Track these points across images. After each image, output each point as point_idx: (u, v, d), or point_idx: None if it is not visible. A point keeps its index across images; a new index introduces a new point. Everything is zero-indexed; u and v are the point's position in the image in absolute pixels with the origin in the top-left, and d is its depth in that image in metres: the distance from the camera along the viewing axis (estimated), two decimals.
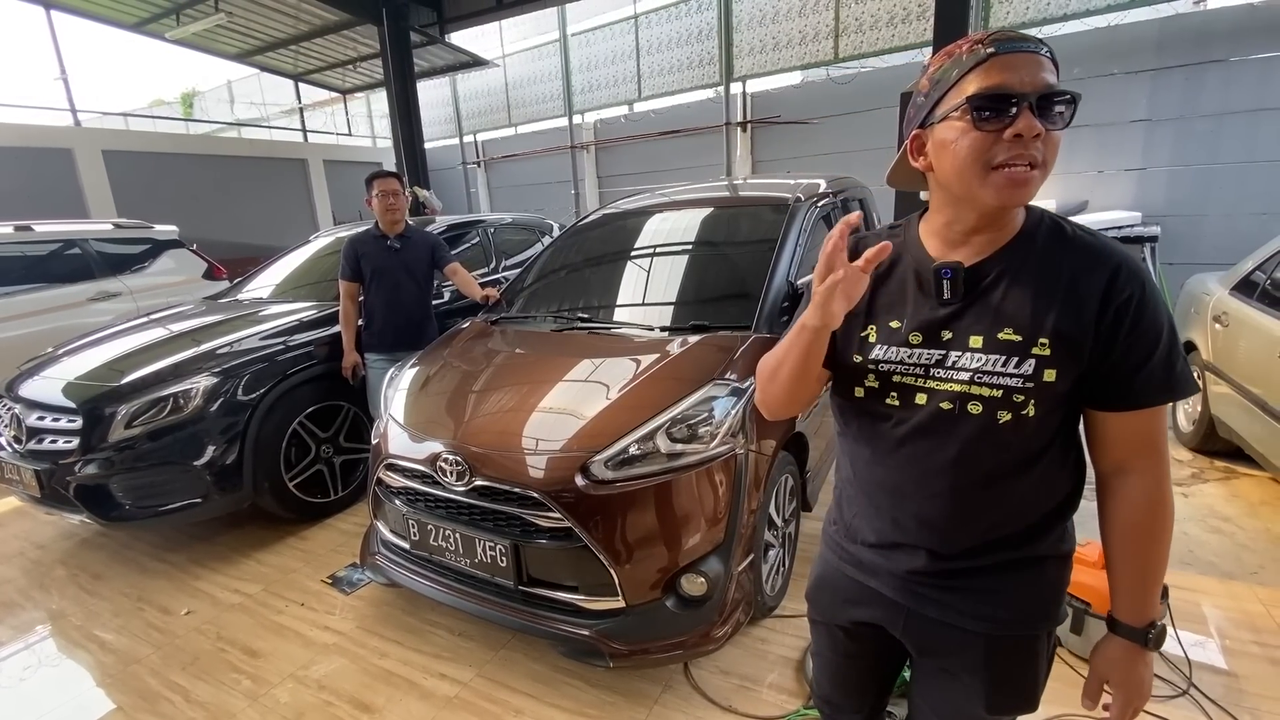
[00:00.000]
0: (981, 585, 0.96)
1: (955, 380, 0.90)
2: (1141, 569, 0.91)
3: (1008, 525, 0.93)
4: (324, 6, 8.14)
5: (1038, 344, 0.85)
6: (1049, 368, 0.85)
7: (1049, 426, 0.89)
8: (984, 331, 0.89)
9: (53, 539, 3.39)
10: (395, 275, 3.23)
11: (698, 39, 8.66)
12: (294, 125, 13.12)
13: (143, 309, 5.21)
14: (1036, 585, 0.95)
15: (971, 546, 0.94)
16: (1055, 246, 0.88)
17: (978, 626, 0.96)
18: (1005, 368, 0.87)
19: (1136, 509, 0.90)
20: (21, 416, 2.94)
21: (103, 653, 2.43)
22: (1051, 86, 0.82)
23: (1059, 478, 0.93)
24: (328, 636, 2.43)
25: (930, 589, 0.99)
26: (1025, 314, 0.86)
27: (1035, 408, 0.86)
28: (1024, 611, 0.96)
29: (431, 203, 8.39)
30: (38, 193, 8.25)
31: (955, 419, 0.91)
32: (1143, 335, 0.84)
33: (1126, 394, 0.86)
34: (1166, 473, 0.90)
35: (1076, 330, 0.84)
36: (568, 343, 2.59)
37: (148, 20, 8.99)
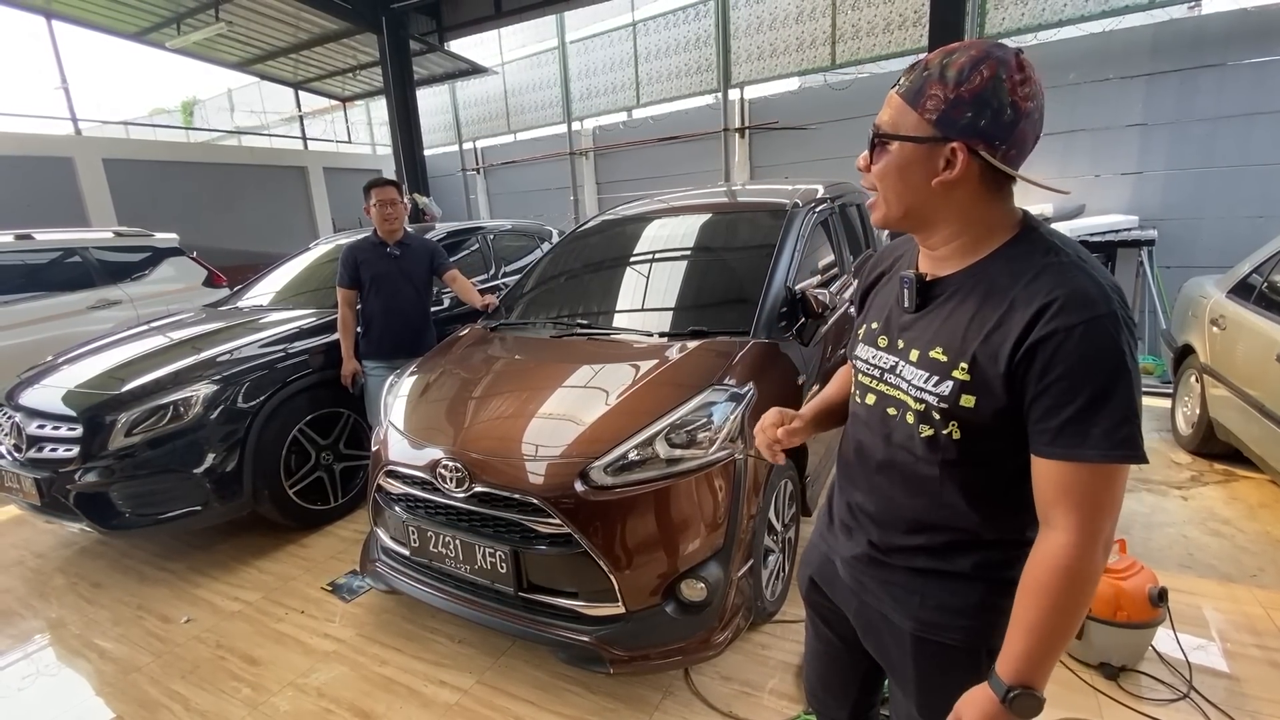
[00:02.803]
0: (905, 583, 0.98)
1: (899, 388, 0.94)
2: (1025, 626, 0.83)
3: (930, 534, 0.95)
4: (324, 15, 8.19)
5: (958, 368, 0.86)
6: (966, 394, 0.85)
7: (982, 452, 0.88)
8: (922, 346, 0.91)
9: (52, 547, 3.39)
10: (394, 282, 3.23)
11: (696, 46, 8.72)
12: (294, 133, 13.16)
13: (143, 317, 5.23)
14: (959, 598, 0.94)
15: (899, 545, 0.98)
16: (1019, 269, 0.85)
17: (902, 623, 0.99)
18: (928, 384, 0.89)
19: (1039, 564, 0.83)
20: (22, 425, 2.94)
21: (102, 661, 2.43)
22: (878, 126, 0.90)
23: (998, 506, 0.90)
24: (328, 644, 2.43)
25: (867, 577, 1.04)
26: (957, 335, 0.87)
27: (959, 431, 0.87)
28: (944, 618, 0.95)
29: (431, 209, 8.41)
30: (38, 201, 8.27)
31: (892, 424, 0.96)
32: (1060, 380, 0.78)
33: (1039, 439, 0.81)
34: (1085, 542, 0.79)
35: (991, 361, 0.83)
36: (567, 348, 2.60)
37: (149, 30, 9.04)
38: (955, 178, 0.84)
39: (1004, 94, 0.80)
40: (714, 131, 8.61)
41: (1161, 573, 2.23)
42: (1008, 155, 0.83)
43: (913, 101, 0.85)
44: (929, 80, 0.84)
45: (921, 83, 0.84)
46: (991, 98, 0.80)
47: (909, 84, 0.86)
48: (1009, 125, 0.81)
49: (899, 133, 0.87)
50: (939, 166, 0.85)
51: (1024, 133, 0.83)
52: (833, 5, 7.49)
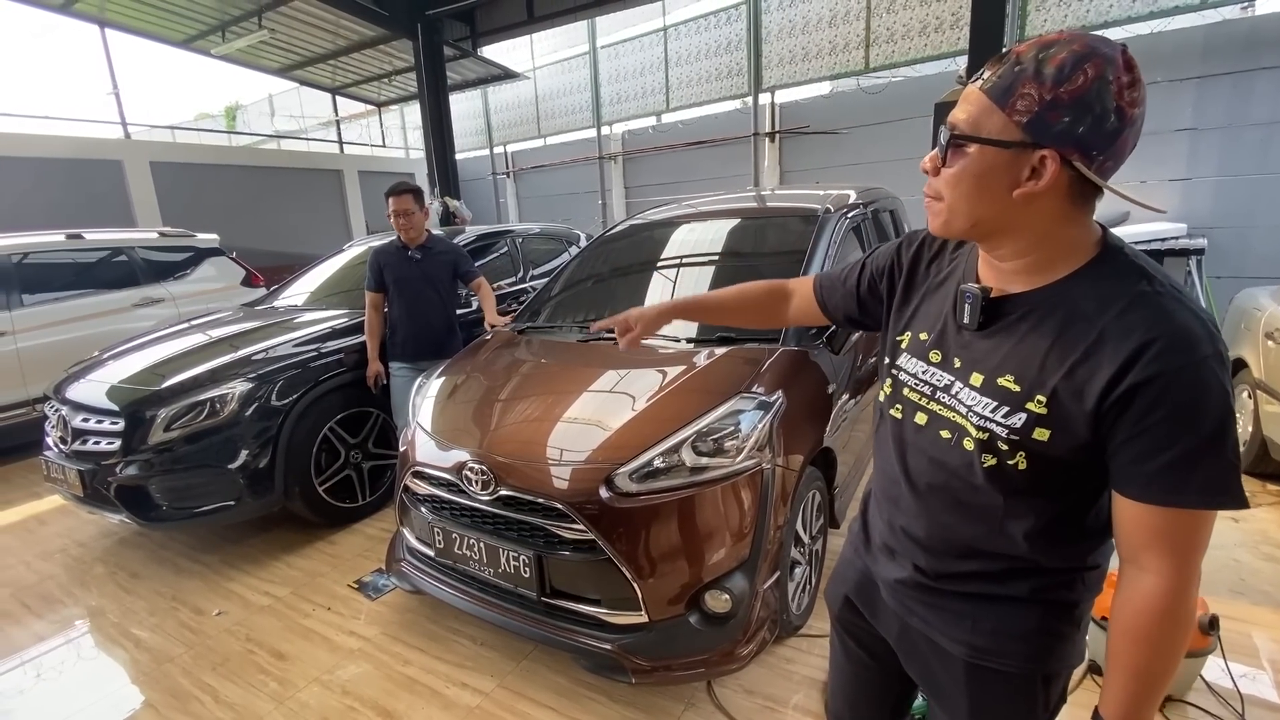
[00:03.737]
0: (957, 608, 0.93)
1: (955, 411, 0.87)
2: (1125, 670, 0.79)
3: (987, 561, 0.90)
4: (361, 22, 8.37)
5: (1034, 400, 0.79)
6: (1041, 427, 0.79)
7: (1051, 485, 0.82)
8: (987, 371, 0.84)
9: (93, 537, 3.50)
10: (415, 286, 3.26)
11: (726, 50, 8.67)
12: (330, 137, 13.48)
13: (184, 315, 5.39)
14: (1016, 623, 0.90)
15: (952, 572, 0.93)
16: (1107, 295, 0.77)
17: (954, 649, 0.94)
18: (995, 414, 0.82)
19: (1132, 608, 0.78)
20: (68, 418, 3.04)
21: (138, 650, 2.49)
22: (954, 125, 0.79)
23: (1062, 536, 0.86)
24: (353, 642, 2.45)
25: (914, 601, 0.98)
26: (1033, 364, 0.80)
27: (1026, 462, 0.81)
28: (999, 644, 0.90)
29: (462, 213, 8.52)
30: (89, 202, 8.60)
31: (945, 448, 0.89)
32: (1162, 424, 0.72)
33: (1132, 481, 0.76)
34: (1181, 585, 0.75)
35: (1074, 397, 0.76)
36: (593, 353, 2.59)
37: (195, 37, 9.35)
38: (1042, 189, 0.75)
39: (1109, 98, 0.70)
40: (744, 136, 8.55)
41: (1211, 599, 2.13)
42: (1103, 166, 0.74)
43: (1000, 100, 0.75)
44: (1022, 77, 0.73)
45: (1013, 79, 0.74)
46: (1095, 101, 0.70)
47: (996, 79, 0.76)
48: (1111, 134, 0.72)
49: (981, 134, 0.77)
50: (1023, 176, 0.76)
51: (1125, 142, 0.73)
52: (867, 9, 7.38)
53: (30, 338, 4.86)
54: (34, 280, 5.06)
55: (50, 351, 4.81)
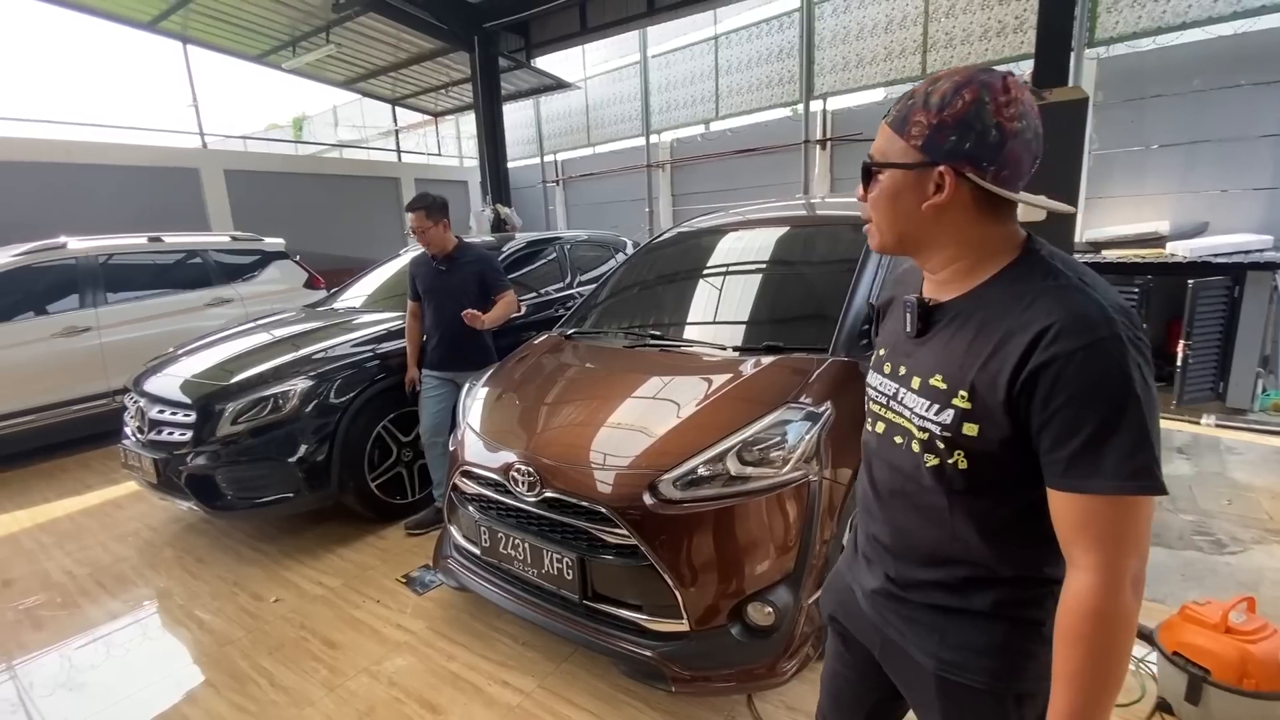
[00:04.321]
0: (927, 620, 0.95)
1: (903, 415, 0.93)
2: (1062, 676, 0.79)
3: (947, 569, 0.92)
4: (422, 35, 8.69)
5: (958, 395, 0.84)
6: (969, 422, 0.83)
7: (991, 482, 0.85)
8: (923, 373, 0.91)
9: (164, 523, 3.71)
10: (440, 297, 3.24)
11: (778, 58, 8.62)
12: (390, 146, 13.99)
13: (250, 314, 5.67)
14: (982, 638, 0.90)
15: (916, 580, 0.96)
16: (1017, 292, 0.83)
17: (925, 661, 0.95)
18: (929, 413, 0.88)
19: (1067, 608, 0.78)
20: (145, 409, 3.24)
21: (201, 632, 2.63)
22: (870, 156, 0.91)
23: (1012, 540, 0.87)
24: (400, 635, 2.52)
25: (889, 612, 1.01)
26: (955, 362, 0.86)
27: (965, 460, 0.85)
28: (965, 658, 0.91)
29: (512, 220, 8.71)
30: (167, 208, 9.16)
31: (899, 452, 0.94)
32: (1065, 408, 0.75)
33: (1051, 471, 0.78)
34: (1109, 581, 0.75)
35: (990, 388, 0.81)
36: (639, 359, 2.60)
37: (268, 52, 9.88)
38: (944, 201, 0.84)
39: (988, 116, 0.80)
40: (794, 144, 8.46)
41: None
42: (999, 176, 0.82)
43: (900, 129, 0.86)
44: (914, 107, 0.84)
45: (908, 110, 0.85)
46: (975, 120, 0.80)
47: (896, 113, 0.87)
48: (995, 146, 0.80)
49: (888, 160, 0.88)
50: (928, 191, 0.85)
51: (1014, 153, 0.81)
52: (925, 14, 7.22)
53: (113, 333, 5.20)
54: (117, 280, 5.41)
55: (130, 347, 5.14)
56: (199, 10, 8.56)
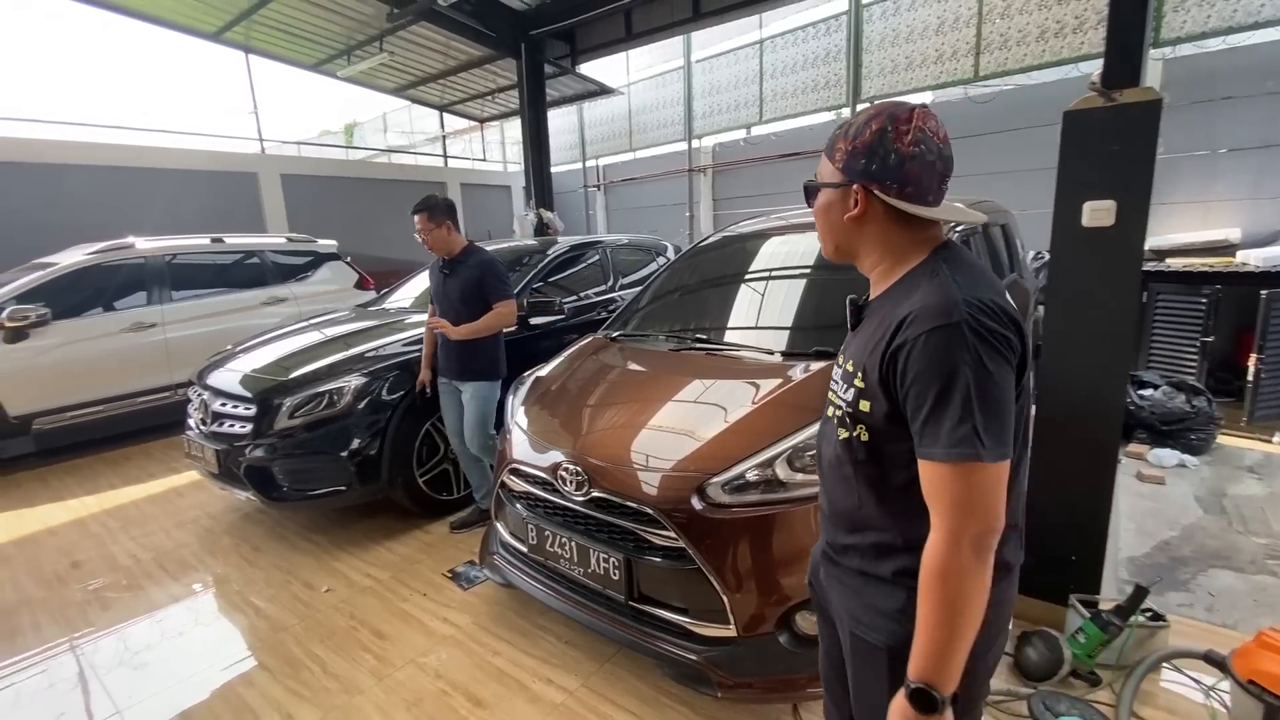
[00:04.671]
0: (852, 584, 1.07)
1: (834, 396, 1.08)
2: (920, 623, 0.90)
3: (860, 535, 1.04)
4: (470, 43, 8.87)
5: (858, 376, 0.99)
6: (864, 399, 0.97)
7: (885, 454, 0.98)
8: (844, 360, 1.06)
9: (222, 511, 3.86)
10: (442, 301, 3.18)
11: (824, 61, 8.52)
12: (436, 151, 14.33)
13: (304, 313, 5.87)
14: (886, 601, 1.01)
15: (842, 544, 1.08)
16: (908, 288, 0.96)
17: (845, 620, 1.08)
18: (842, 393, 1.03)
19: (921, 565, 0.90)
20: (209, 402, 3.39)
21: (257, 617, 2.72)
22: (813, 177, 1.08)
23: (901, 509, 0.97)
24: (446, 628, 2.57)
25: (829, 576, 1.14)
26: (859, 349, 1.01)
27: (866, 434, 0.98)
28: (871, 617, 1.03)
29: (555, 224, 8.81)
30: (226, 210, 9.56)
31: (830, 428, 1.09)
32: (913, 385, 0.89)
33: (915, 440, 0.91)
34: (947, 540, 0.87)
35: (873, 369, 0.95)
36: (686, 362, 2.60)
37: (324, 60, 10.23)
38: (859, 214, 1.00)
39: (889, 142, 0.95)
40: None
41: None
42: (903, 192, 0.96)
43: (829, 154, 1.03)
44: (838, 136, 1.02)
45: (834, 139, 1.02)
46: (878, 146, 0.95)
47: (829, 141, 1.04)
48: (895, 167, 0.95)
49: (820, 180, 1.05)
50: (849, 205, 1.00)
51: (912, 172, 0.95)
52: (979, 14, 7.03)
53: (176, 330, 5.45)
54: (181, 278, 5.68)
55: (192, 343, 5.38)
56: (260, 21, 8.93)
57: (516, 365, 3.83)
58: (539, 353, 4.00)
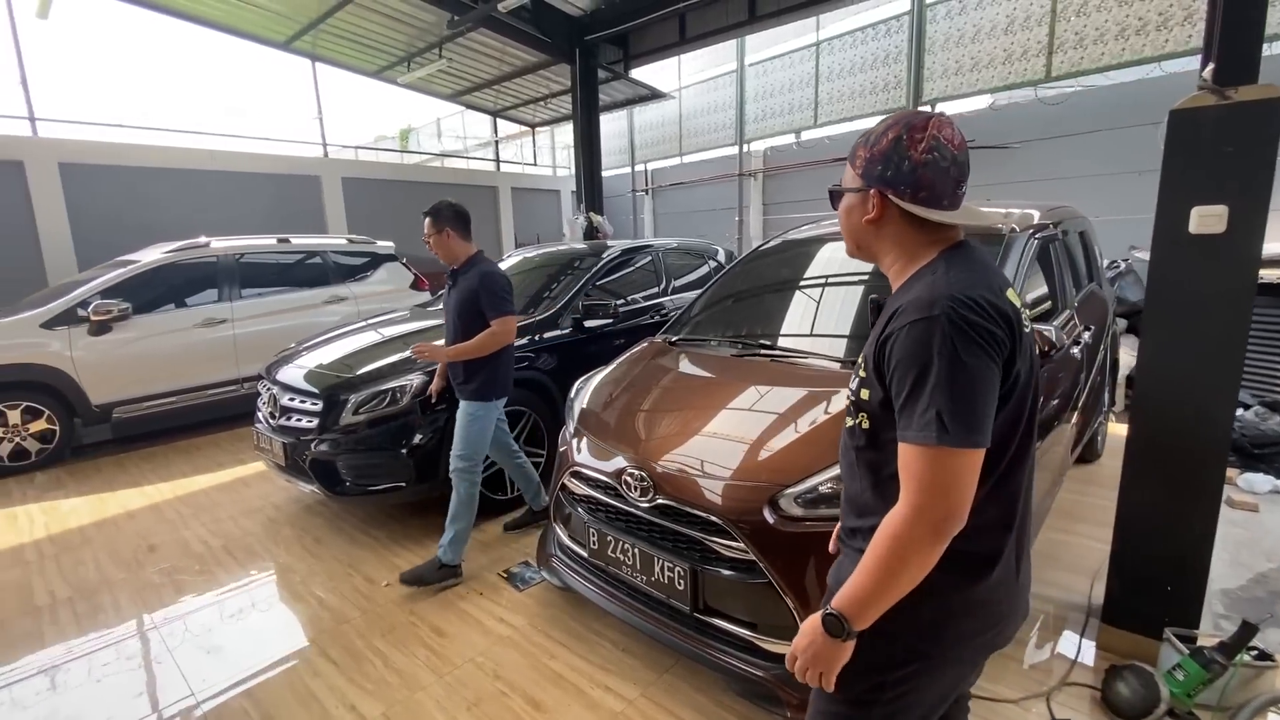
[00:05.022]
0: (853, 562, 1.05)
1: (849, 388, 1.11)
2: (859, 567, 0.98)
3: (861, 519, 1.09)
4: (526, 49, 9.03)
5: (862, 366, 1.06)
6: (864, 388, 1.04)
7: (881, 440, 1.03)
8: (859, 355, 1.11)
9: (285, 501, 3.98)
10: (446, 314, 3.01)
11: (884, 63, 8.33)
12: (487, 156, 14.61)
13: (362, 312, 6.04)
14: None
15: (850, 528, 1.13)
16: (908, 286, 1.02)
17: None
18: (851, 384, 1.09)
19: (882, 522, 0.97)
20: (278, 396, 3.50)
21: (320, 609, 2.78)
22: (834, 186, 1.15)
23: (892, 494, 1.00)
24: (503, 629, 2.57)
25: (844, 557, 1.17)
26: (868, 342, 1.06)
27: (867, 421, 1.04)
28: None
29: (604, 228, 8.85)
30: (290, 212, 9.96)
31: (846, 418, 1.13)
32: (894, 372, 0.96)
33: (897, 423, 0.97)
34: (907, 512, 0.93)
35: (870, 359, 1.02)
36: (751, 369, 2.54)
37: (385, 68, 10.57)
38: (875, 217, 1.05)
39: (904, 150, 1.00)
40: None
41: None
42: (916, 197, 1.00)
43: (851, 161, 1.09)
44: (859, 145, 1.08)
45: (855, 147, 1.08)
46: (894, 153, 1.01)
47: (852, 149, 1.09)
48: (908, 174, 1.00)
49: (843, 185, 1.11)
50: (868, 209, 1.05)
51: (925, 178, 0.99)
52: (1052, 13, 6.74)
53: (244, 326, 5.67)
54: (250, 277, 5.91)
55: (258, 339, 5.60)
56: (328, 30, 9.28)
57: (571, 368, 3.86)
58: (593, 355, 4.01)
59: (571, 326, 4.06)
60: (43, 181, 7.77)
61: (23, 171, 7.64)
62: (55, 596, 2.96)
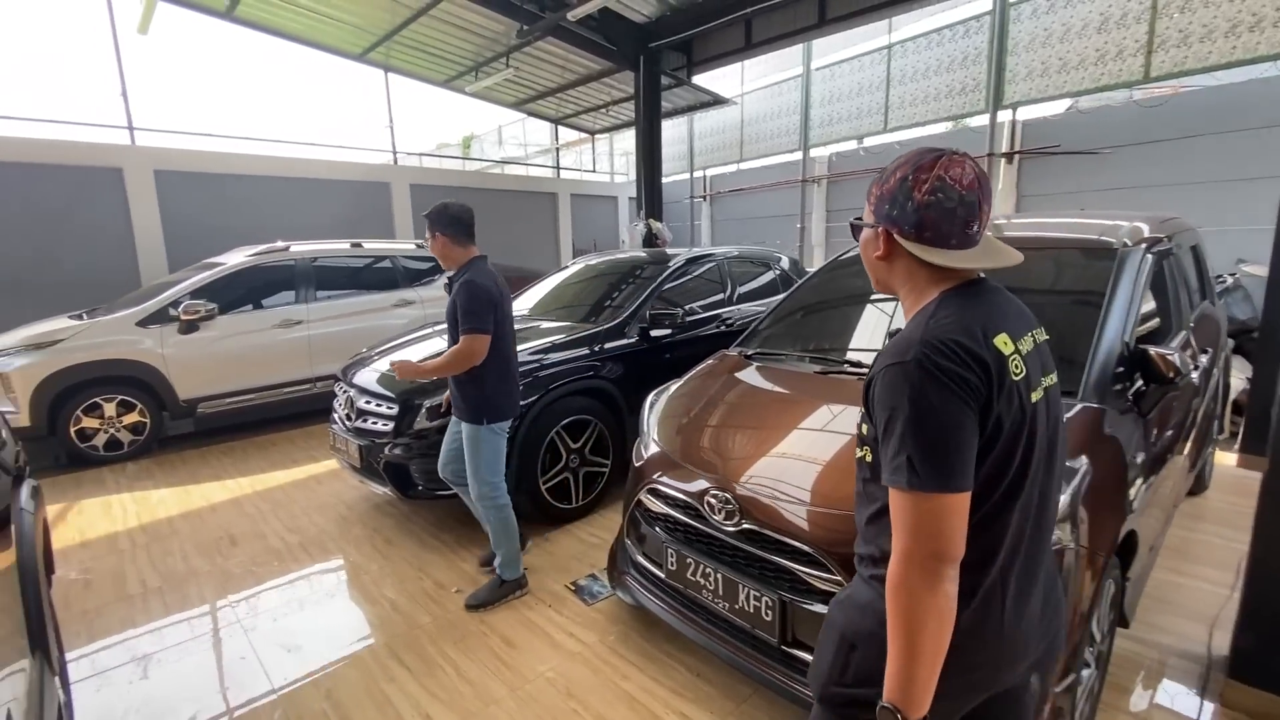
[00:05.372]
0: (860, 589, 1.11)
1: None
2: (889, 643, 0.94)
3: (864, 546, 1.10)
4: (591, 56, 9.10)
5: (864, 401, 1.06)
6: (865, 423, 1.05)
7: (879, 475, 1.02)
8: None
9: (356, 500, 4.08)
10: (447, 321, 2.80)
11: (961, 65, 8.00)
12: (547, 163, 14.83)
13: (427, 316, 6.17)
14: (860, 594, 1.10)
15: (858, 555, 1.14)
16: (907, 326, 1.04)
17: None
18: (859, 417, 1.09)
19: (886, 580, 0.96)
20: (355, 399, 3.58)
21: (393, 611, 2.81)
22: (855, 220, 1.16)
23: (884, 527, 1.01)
24: (573, 644, 2.53)
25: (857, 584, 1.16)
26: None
27: (870, 455, 1.05)
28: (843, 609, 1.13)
29: (663, 234, 8.82)
30: (360, 217, 10.32)
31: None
32: (875, 413, 0.99)
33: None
34: (898, 559, 0.93)
35: (864, 398, 1.04)
36: (841, 388, 2.42)
37: (453, 77, 10.86)
38: (883, 254, 1.06)
39: (907, 190, 1.00)
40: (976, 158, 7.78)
41: None
42: (921, 237, 1.00)
43: (867, 197, 1.10)
44: (874, 182, 1.08)
45: (871, 184, 1.09)
46: (898, 194, 1.01)
47: (870, 185, 1.09)
48: (911, 214, 1.00)
49: (861, 220, 1.12)
50: (880, 244, 1.06)
51: (928, 219, 0.99)
52: (1153, 9, 6.31)
53: (318, 327, 5.87)
54: (323, 280, 6.12)
55: (330, 340, 5.79)
56: (400, 41, 9.60)
57: (637, 377, 3.82)
58: (660, 365, 3.96)
59: (638, 335, 4.02)
60: (139, 187, 8.29)
61: (121, 178, 8.17)
62: (146, 585, 3.09)
